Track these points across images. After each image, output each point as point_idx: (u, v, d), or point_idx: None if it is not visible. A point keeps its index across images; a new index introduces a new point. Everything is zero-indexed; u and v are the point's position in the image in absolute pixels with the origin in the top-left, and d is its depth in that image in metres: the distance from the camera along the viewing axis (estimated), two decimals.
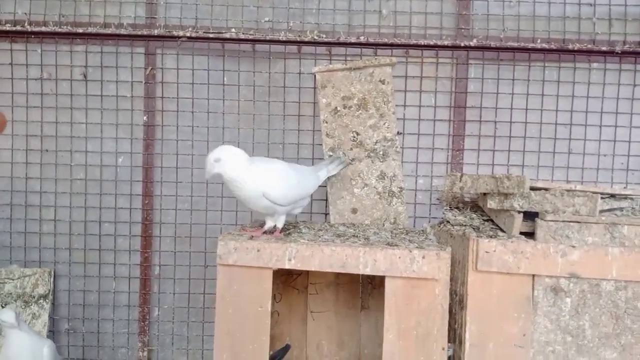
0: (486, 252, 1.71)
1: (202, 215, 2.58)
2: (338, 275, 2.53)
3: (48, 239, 2.62)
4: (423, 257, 1.71)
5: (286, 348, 2.18)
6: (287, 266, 1.75)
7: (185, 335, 2.60)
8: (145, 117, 2.60)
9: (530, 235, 1.78)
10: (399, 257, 1.73)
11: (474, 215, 2.11)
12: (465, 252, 1.77)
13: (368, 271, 1.74)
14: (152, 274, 2.61)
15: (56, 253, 2.61)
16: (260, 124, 2.60)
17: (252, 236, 1.84)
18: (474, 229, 1.93)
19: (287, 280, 2.30)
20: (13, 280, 2.51)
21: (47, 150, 2.60)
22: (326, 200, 2.34)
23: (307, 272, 2.28)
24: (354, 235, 1.97)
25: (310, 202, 2.29)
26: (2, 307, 2.49)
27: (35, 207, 2.61)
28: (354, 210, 2.39)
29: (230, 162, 1.75)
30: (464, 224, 2.03)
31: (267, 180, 1.81)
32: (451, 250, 1.78)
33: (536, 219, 1.75)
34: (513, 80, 2.57)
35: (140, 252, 2.60)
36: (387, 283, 1.75)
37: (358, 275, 2.52)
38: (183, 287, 2.60)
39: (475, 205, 2.21)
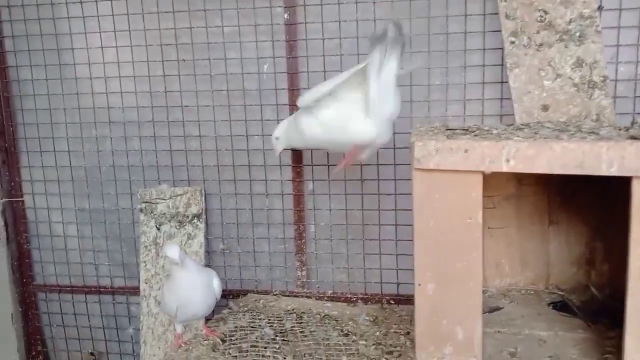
0: None
1: None
2: (520, 186, 2.17)
3: (195, 157, 2.46)
4: None
5: None
6: (504, 169, 1.41)
7: (344, 253, 2.40)
8: (285, 15, 2.28)
9: None
10: None
11: None
12: None
13: (613, 171, 1.35)
14: (306, 189, 2.40)
15: (204, 171, 2.46)
16: (418, 11, 2.19)
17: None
18: None
19: None
20: (165, 200, 2.41)
21: (184, 60, 2.39)
22: None
23: None
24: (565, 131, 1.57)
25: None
26: (158, 228, 2.41)
27: (179, 123, 2.44)
28: (545, 107, 1.98)
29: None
30: None
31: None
32: None
33: None
34: None
35: (292, 167, 2.38)
36: (636, 186, 1.37)
37: (543, 185, 2.17)
38: (339, 203, 2.37)
39: None
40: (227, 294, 2.46)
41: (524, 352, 1.61)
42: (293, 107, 2.32)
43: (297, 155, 2.36)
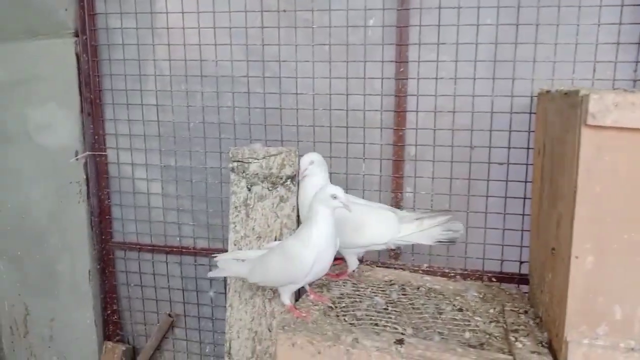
0: None
1: (469, 85, 2.12)
2: None
3: (289, 115, 2.34)
4: None
5: None
6: None
7: None
8: None
9: None
10: None
11: None
12: None
13: None
14: (407, 155, 2.25)
15: (299, 131, 2.33)
16: None
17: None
18: None
19: None
20: (258, 160, 2.29)
21: (284, 11, 2.25)
22: None
23: None
24: None
25: None
26: (249, 188, 2.30)
27: (275, 79, 2.31)
28: None
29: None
30: None
31: None
32: None
33: None
34: None
35: (393, 130, 2.23)
36: None
37: None
38: (443, 171, 2.21)
39: None
40: None
41: None
42: (401, 63, 2.16)
43: (400, 117, 2.21)
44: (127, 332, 2.79)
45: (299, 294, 2.03)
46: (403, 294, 1.95)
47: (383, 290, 1.97)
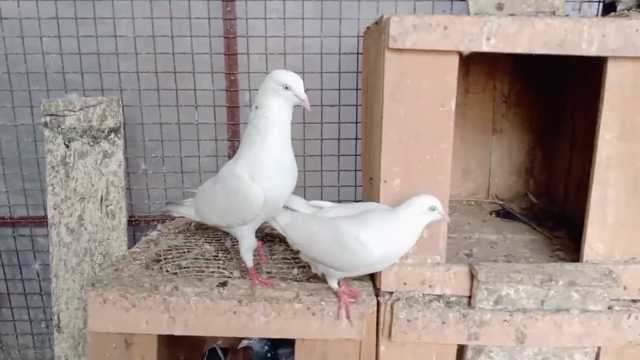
0: None
1: (299, 25, 2.07)
2: (466, 94, 2.11)
3: (109, 60, 2.11)
4: None
5: None
6: (484, 48, 1.29)
7: None
8: None
9: None
10: (637, 31, 1.28)
11: None
12: None
13: (593, 51, 1.29)
14: (242, 100, 2.17)
15: (121, 78, 2.13)
16: None
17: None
18: None
19: None
20: (74, 112, 2.06)
21: None
22: None
23: None
24: None
25: None
26: (66, 145, 2.07)
27: (89, 19, 2.07)
28: (500, 6, 1.89)
29: None
30: None
31: None
32: None
33: None
34: None
35: (225, 74, 2.13)
36: (611, 67, 1.32)
37: (490, 93, 2.12)
38: None
39: None
40: (152, 220, 2.22)
41: (479, 253, 1.57)
42: (227, 2, 2.05)
43: (231, 60, 2.11)
44: None
45: None
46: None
47: (218, 240, 1.90)
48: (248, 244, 1.46)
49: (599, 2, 2.05)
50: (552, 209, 2.01)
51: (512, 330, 1.36)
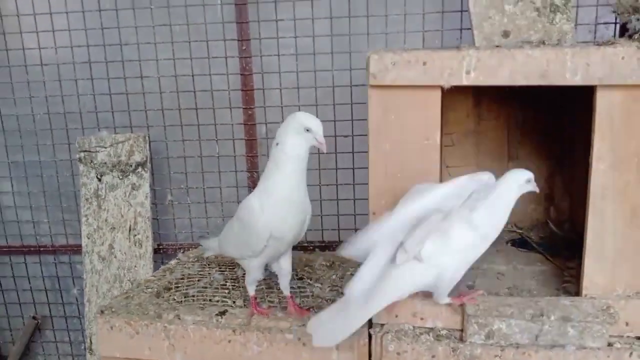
0: None
1: (310, 60, 2.15)
2: (479, 122, 2.09)
3: (137, 100, 2.27)
4: None
5: None
6: (464, 82, 1.31)
7: None
8: None
9: None
10: (623, 58, 1.25)
11: None
12: None
13: (578, 80, 1.27)
14: (259, 133, 2.26)
15: (147, 115, 2.28)
16: None
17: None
18: None
19: None
20: (105, 148, 2.23)
21: None
22: None
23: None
24: None
25: None
26: (99, 178, 2.24)
27: (117, 63, 2.24)
28: (506, 34, 1.88)
29: None
30: None
31: None
32: None
33: None
34: None
35: (243, 109, 2.23)
36: (600, 97, 1.29)
37: (504, 119, 2.10)
38: None
39: None
40: (178, 248, 2.33)
41: (481, 285, 1.54)
42: (243, 42, 2.16)
43: (248, 95, 2.21)
44: None
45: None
46: None
47: (232, 269, 1.97)
48: (254, 276, 1.51)
49: (615, 24, 1.99)
50: (573, 237, 1.94)
51: None
